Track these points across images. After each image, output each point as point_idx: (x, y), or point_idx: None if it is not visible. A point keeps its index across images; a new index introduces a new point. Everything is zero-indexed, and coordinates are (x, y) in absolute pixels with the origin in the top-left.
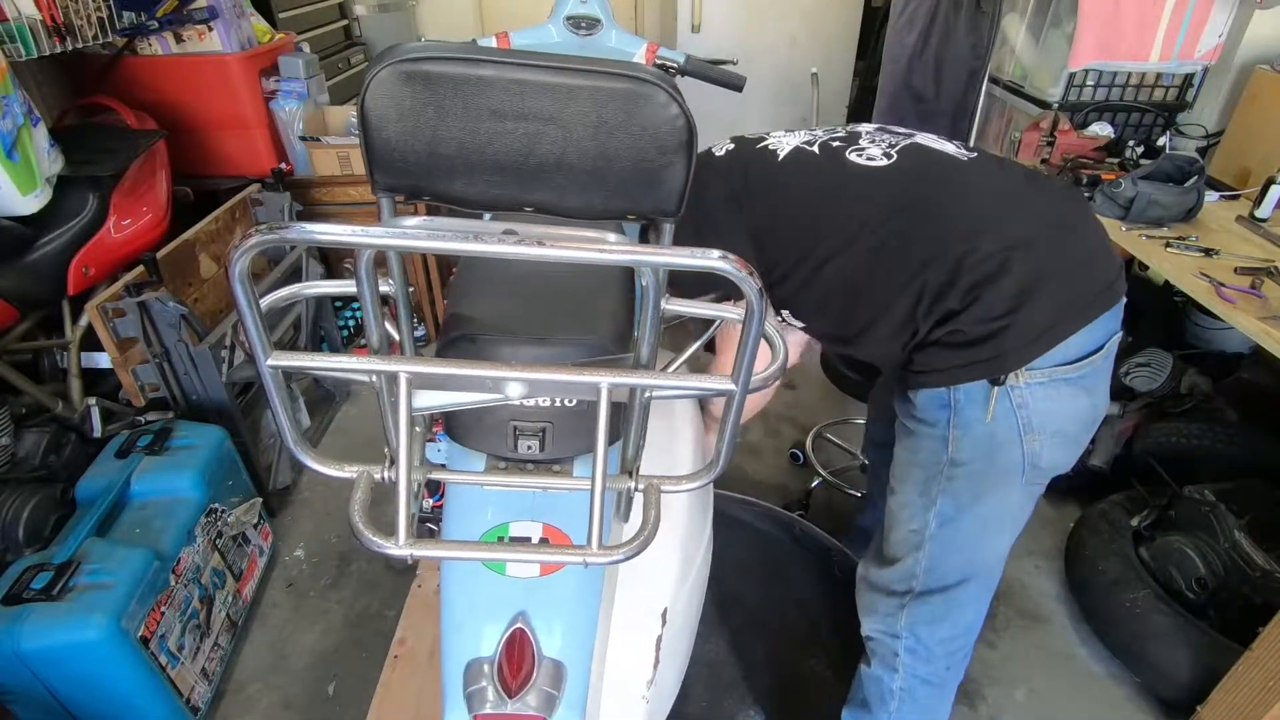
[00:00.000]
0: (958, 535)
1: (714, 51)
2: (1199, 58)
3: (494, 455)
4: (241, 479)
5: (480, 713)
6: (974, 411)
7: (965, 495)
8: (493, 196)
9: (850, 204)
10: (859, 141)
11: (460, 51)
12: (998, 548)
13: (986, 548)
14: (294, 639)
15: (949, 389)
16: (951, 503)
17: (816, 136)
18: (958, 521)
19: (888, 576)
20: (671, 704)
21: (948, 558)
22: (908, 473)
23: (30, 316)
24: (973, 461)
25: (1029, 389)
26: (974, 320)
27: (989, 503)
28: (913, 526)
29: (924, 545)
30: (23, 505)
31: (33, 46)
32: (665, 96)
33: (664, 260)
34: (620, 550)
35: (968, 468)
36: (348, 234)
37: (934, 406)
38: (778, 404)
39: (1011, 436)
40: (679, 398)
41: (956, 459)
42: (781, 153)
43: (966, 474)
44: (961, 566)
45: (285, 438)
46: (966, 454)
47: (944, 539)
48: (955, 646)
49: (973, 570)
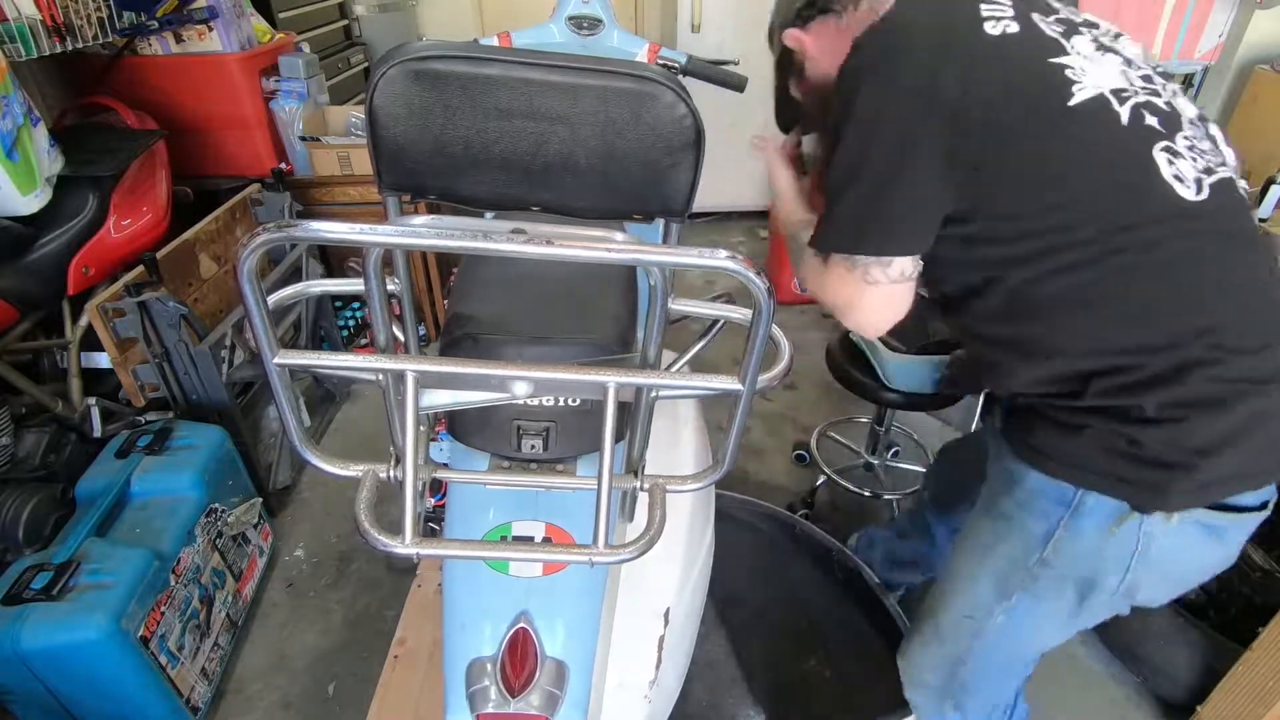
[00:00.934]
0: (1021, 630)
1: (714, 51)
2: (1199, 58)
3: (497, 455)
4: (241, 479)
5: (483, 712)
6: (1094, 523)
7: (1047, 594)
8: (499, 195)
9: (1138, 219)
10: (1176, 137)
11: (468, 50)
12: (1052, 642)
13: (1043, 640)
14: (294, 639)
15: (1077, 489)
16: (1029, 600)
17: (1132, 89)
18: (1026, 616)
19: (934, 656)
20: (673, 704)
21: (1001, 647)
22: (985, 558)
23: (30, 316)
24: (1067, 569)
25: (1165, 523)
26: (1161, 441)
27: (1063, 604)
28: (969, 614)
29: (982, 635)
30: (23, 505)
31: (33, 46)
32: (673, 96)
33: (671, 260)
34: (626, 549)
35: (1057, 571)
36: (356, 233)
37: (1049, 499)
38: (779, 404)
39: (1121, 562)
40: (685, 397)
41: (1050, 560)
42: (1079, 92)
43: (1054, 576)
44: (1014, 652)
45: (291, 436)
46: (1064, 561)
47: (1006, 631)
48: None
49: (1025, 656)
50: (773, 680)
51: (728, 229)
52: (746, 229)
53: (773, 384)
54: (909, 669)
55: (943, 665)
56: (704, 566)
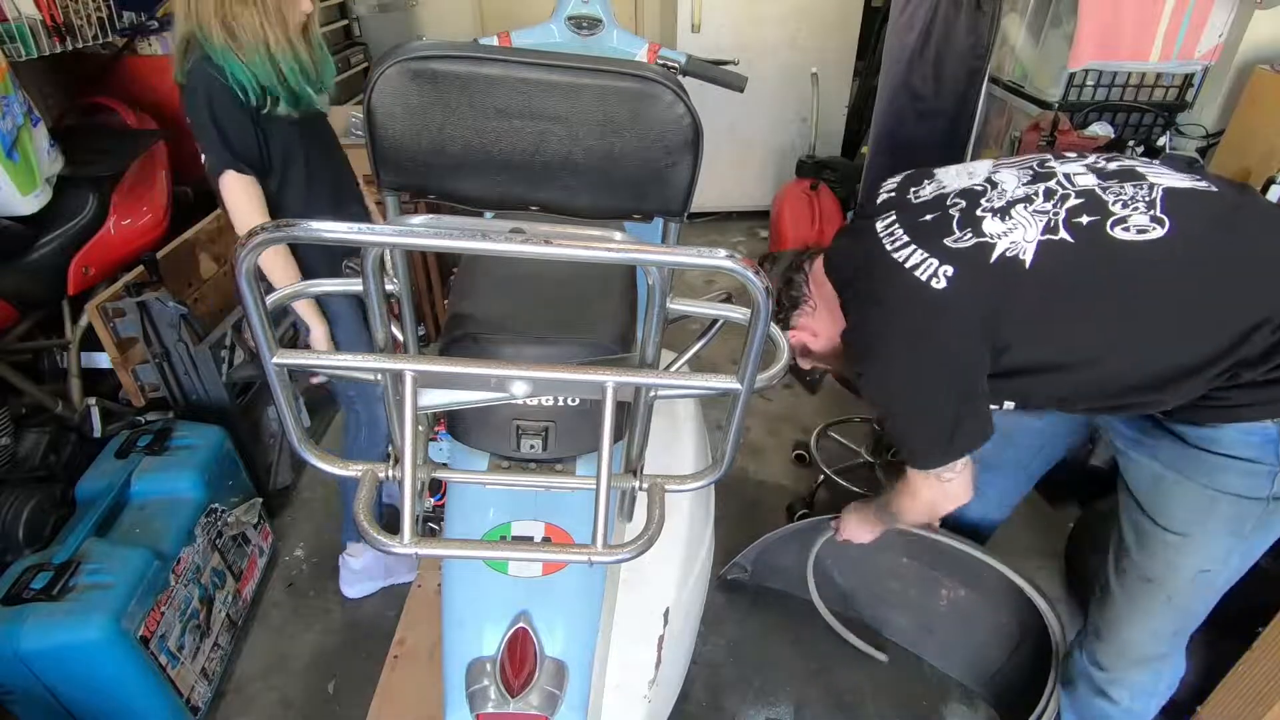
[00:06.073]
0: (1247, 563)
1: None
2: (1199, 58)
3: (497, 455)
4: (241, 479)
5: (482, 712)
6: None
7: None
8: (499, 195)
9: (1144, 298)
10: (1109, 207)
11: (467, 50)
12: None
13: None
14: (294, 639)
15: (1277, 423)
16: (1265, 536)
17: (1052, 214)
18: (1257, 549)
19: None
20: (673, 704)
21: (1223, 588)
22: (1208, 518)
23: (30, 316)
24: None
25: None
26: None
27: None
28: (1206, 567)
29: (1215, 582)
30: (23, 505)
31: (33, 46)
32: (672, 96)
33: (670, 259)
34: (625, 549)
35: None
36: (355, 232)
37: (1254, 442)
38: (779, 404)
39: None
40: (683, 397)
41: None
42: (1028, 257)
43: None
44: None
45: (290, 436)
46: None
47: (1238, 569)
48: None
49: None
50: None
51: (727, 229)
52: (746, 229)
53: (771, 383)
54: (1126, 648)
55: (1170, 629)
56: (704, 566)
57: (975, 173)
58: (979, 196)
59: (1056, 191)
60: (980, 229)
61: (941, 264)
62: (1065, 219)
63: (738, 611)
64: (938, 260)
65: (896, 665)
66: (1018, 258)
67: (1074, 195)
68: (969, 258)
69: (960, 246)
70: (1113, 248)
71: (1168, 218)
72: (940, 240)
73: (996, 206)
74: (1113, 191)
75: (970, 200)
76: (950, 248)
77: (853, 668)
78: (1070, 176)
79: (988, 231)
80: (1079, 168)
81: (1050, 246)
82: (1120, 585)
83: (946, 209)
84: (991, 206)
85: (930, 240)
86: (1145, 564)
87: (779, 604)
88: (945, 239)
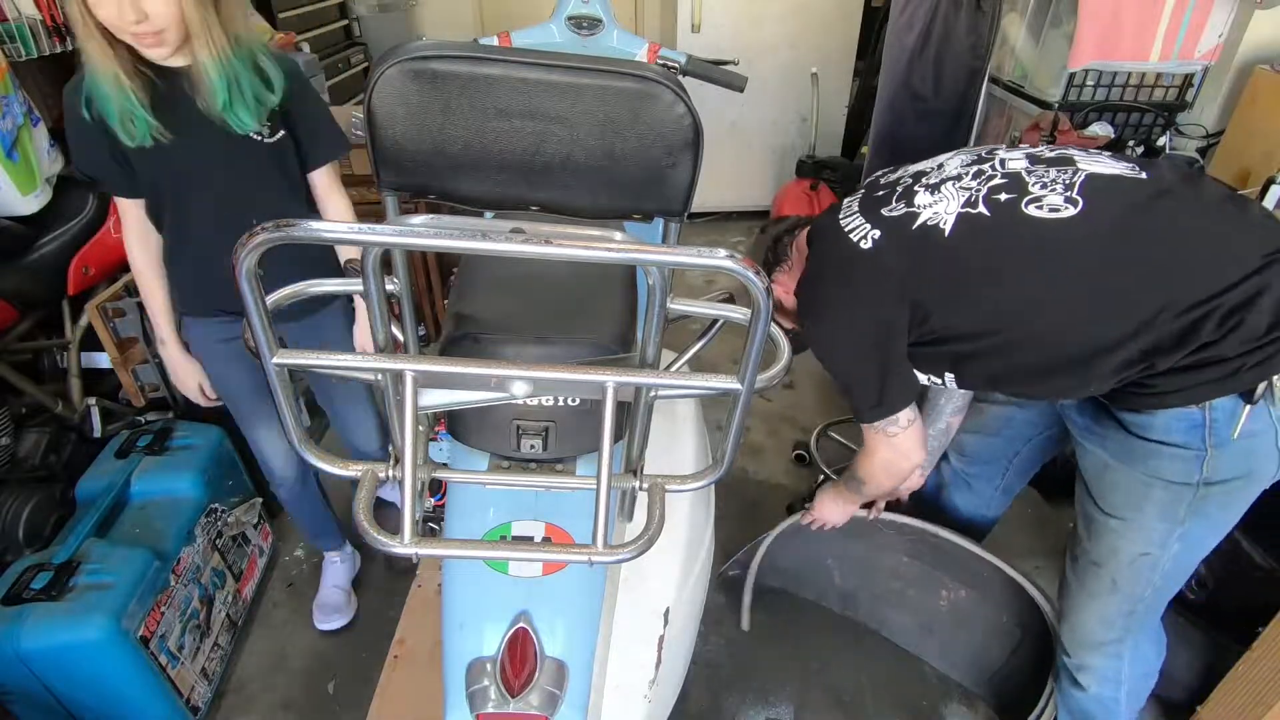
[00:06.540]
0: (1195, 550)
1: (714, 51)
2: (1199, 58)
3: (497, 455)
4: (241, 479)
5: (483, 712)
6: (1229, 429)
7: (1216, 512)
8: (499, 195)
9: (1050, 273)
10: (1028, 187)
11: (467, 50)
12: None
13: (1207, 550)
14: (294, 639)
15: (1201, 409)
16: (1201, 523)
17: (975, 190)
18: (1201, 538)
19: (1110, 607)
20: (673, 704)
21: (1178, 574)
22: (1144, 502)
23: (30, 316)
24: (1230, 479)
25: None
26: (1236, 344)
27: (1231, 513)
28: (1145, 550)
29: (1158, 566)
30: (23, 505)
31: (33, 46)
32: (672, 96)
33: (670, 259)
34: (626, 549)
35: (1223, 486)
36: (355, 232)
37: (1182, 427)
38: (778, 404)
39: (1269, 449)
40: (684, 397)
41: (1212, 479)
42: (947, 226)
43: (1221, 492)
44: (1181, 576)
45: (290, 436)
46: (1224, 473)
47: (1181, 558)
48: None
49: (1188, 573)
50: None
51: (727, 229)
52: (746, 229)
53: (771, 383)
54: (1080, 633)
55: (1119, 614)
56: (704, 566)
57: (938, 159)
58: (923, 176)
59: (985, 172)
60: (912, 201)
61: (872, 229)
62: (985, 195)
63: (738, 611)
64: (869, 225)
65: (897, 665)
66: (938, 227)
67: (999, 176)
68: (895, 224)
69: (891, 215)
70: (1023, 223)
71: (1082, 199)
72: (878, 210)
73: (931, 183)
74: (1037, 174)
75: (915, 179)
76: (884, 215)
77: (853, 668)
78: (1004, 161)
79: (917, 203)
80: (1017, 154)
81: (968, 218)
82: (1073, 571)
83: (895, 185)
84: (928, 183)
85: (871, 210)
86: (1092, 549)
87: (779, 604)
88: (882, 209)
